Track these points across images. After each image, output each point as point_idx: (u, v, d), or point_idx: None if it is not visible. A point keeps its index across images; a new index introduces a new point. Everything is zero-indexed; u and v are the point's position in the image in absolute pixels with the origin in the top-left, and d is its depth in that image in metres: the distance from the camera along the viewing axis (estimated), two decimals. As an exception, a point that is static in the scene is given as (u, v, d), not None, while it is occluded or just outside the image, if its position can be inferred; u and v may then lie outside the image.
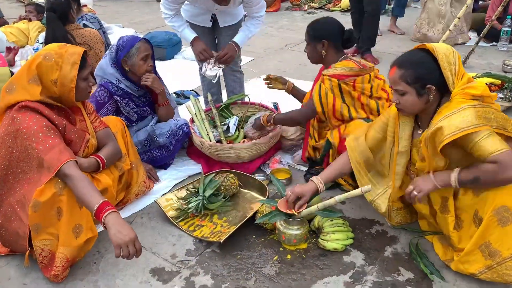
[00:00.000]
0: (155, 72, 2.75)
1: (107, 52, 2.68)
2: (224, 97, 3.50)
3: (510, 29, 4.90)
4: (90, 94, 2.25)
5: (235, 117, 3.07)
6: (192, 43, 3.03)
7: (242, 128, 3.02)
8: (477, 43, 4.57)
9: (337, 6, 7.27)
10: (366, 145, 2.15)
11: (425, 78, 1.84)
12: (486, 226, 1.76)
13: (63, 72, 1.94)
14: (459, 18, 3.71)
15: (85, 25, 4.07)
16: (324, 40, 2.47)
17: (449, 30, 3.75)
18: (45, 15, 4.96)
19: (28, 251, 1.97)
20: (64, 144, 1.97)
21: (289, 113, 2.71)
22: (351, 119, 2.46)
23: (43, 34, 4.71)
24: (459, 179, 1.79)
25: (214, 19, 3.08)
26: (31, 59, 1.99)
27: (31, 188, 1.91)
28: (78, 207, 1.93)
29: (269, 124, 2.74)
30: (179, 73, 4.56)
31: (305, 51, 2.60)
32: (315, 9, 7.42)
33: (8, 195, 1.98)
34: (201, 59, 3.01)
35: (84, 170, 2.01)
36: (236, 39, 3.01)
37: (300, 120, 2.69)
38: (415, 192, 1.87)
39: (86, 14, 4.22)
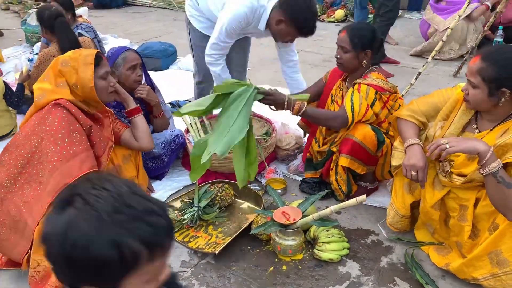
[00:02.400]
0: (151, 83, 2.75)
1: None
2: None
3: (502, 39, 4.95)
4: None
5: None
6: None
7: None
8: (470, 53, 4.62)
9: (331, 17, 7.32)
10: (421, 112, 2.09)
11: (503, 81, 1.73)
12: (500, 233, 1.75)
13: (80, 75, 2.00)
14: (451, 28, 3.74)
15: (80, 34, 4.06)
16: (369, 50, 2.37)
17: (442, 40, 3.77)
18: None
19: (27, 254, 1.93)
20: (88, 152, 1.98)
21: (323, 112, 2.49)
22: None
23: (38, 44, 4.70)
24: (497, 171, 1.67)
25: None
26: (51, 66, 2.05)
27: (42, 192, 1.89)
28: None
29: (298, 113, 2.33)
30: (174, 83, 4.56)
31: (337, 57, 2.42)
32: (309, 19, 7.46)
33: (15, 195, 1.95)
34: None
35: None
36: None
37: (331, 125, 2.47)
38: (447, 146, 1.73)
39: (81, 24, 4.23)
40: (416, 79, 3.66)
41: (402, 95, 3.74)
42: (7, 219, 1.96)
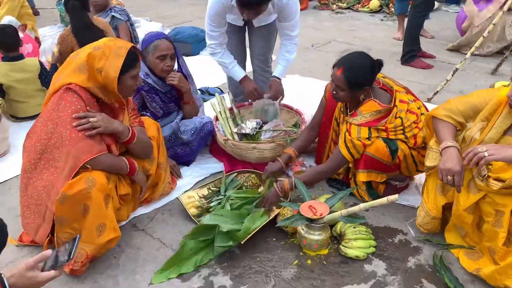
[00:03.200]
0: (182, 70, 2.75)
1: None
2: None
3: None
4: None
5: (258, 120, 3.04)
6: (242, 82, 3.04)
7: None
8: (511, 50, 4.43)
9: (366, 6, 7.15)
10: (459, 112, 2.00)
11: None
12: None
13: (108, 62, 1.98)
14: (494, 24, 3.60)
15: (113, 17, 4.15)
16: (367, 87, 2.25)
17: (483, 36, 3.63)
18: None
19: (48, 237, 2.01)
20: (97, 135, 2.00)
21: (315, 171, 2.43)
22: None
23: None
24: None
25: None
26: (82, 48, 2.05)
27: (58, 177, 1.94)
28: (104, 206, 1.94)
29: (294, 187, 2.34)
30: (205, 69, 4.55)
31: (334, 92, 2.31)
32: (343, 9, 7.31)
33: (36, 179, 2.01)
34: (252, 98, 3.03)
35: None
36: (277, 73, 3.02)
37: (330, 175, 2.52)
38: (486, 153, 1.68)
39: (114, 6, 4.28)
40: (452, 75, 3.55)
41: (437, 92, 3.64)
42: (31, 203, 2.04)
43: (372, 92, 2.30)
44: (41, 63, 3.44)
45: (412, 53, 4.66)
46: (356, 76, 2.21)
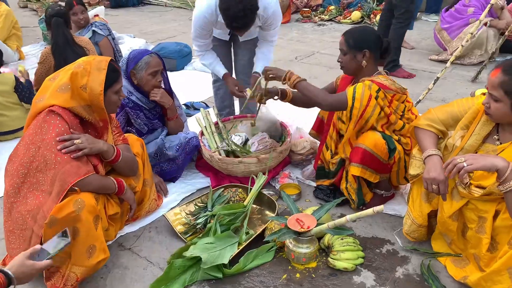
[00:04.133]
0: (169, 86, 2.75)
1: (119, 64, 2.67)
2: (237, 110, 3.51)
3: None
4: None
5: (243, 134, 3.05)
6: (224, 78, 3.12)
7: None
8: (490, 58, 4.53)
9: (348, 18, 7.26)
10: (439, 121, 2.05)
11: None
12: None
13: (91, 77, 1.98)
14: (471, 33, 3.68)
15: (94, 32, 4.16)
16: (366, 50, 2.34)
17: (461, 45, 3.70)
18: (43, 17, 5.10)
19: None
20: (83, 157, 1.97)
21: (315, 90, 2.44)
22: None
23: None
24: None
25: (232, 33, 3.09)
26: (64, 68, 2.04)
27: (45, 201, 1.90)
28: (94, 228, 1.92)
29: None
30: (189, 84, 4.56)
31: (339, 61, 2.45)
32: (325, 21, 7.41)
33: (20, 204, 1.97)
34: (235, 95, 3.09)
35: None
36: (258, 69, 3.07)
37: (320, 103, 2.43)
38: (464, 164, 1.70)
39: (95, 22, 4.29)
40: (434, 84, 3.60)
41: (419, 101, 3.69)
42: (16, 228, 1.98)
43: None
44: (16, 78, 3.43)
45: (394, 63, 4.73)
46: (354, 36, 2.38)
